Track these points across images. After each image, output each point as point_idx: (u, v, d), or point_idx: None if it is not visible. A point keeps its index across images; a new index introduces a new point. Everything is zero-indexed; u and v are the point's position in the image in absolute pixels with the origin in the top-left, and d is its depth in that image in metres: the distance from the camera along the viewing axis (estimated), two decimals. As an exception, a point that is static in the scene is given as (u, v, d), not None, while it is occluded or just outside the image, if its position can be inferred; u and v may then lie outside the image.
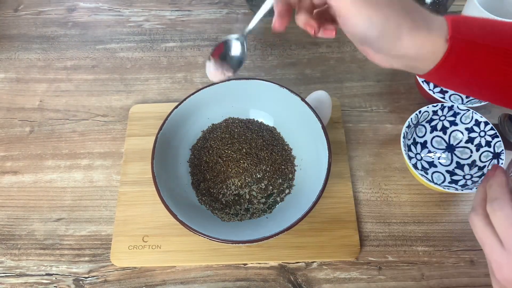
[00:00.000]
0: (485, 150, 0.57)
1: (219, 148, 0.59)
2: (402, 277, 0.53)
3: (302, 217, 0.49)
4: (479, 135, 0.58)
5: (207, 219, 0.54)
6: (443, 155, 0.60)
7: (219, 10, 0.78)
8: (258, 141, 0.59)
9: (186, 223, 0.48)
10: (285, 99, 0.57)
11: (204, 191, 0.57)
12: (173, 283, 0.54)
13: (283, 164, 0.58)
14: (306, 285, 0.53)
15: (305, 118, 0.56)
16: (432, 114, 0.59)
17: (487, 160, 0.56)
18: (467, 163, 0.59)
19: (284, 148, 0.60)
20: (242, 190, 0.57)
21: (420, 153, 0.60)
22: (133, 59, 0.72)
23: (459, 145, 0.60)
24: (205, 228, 0.49)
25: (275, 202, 0.56)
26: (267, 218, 0.55)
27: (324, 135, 0.53)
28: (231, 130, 0.60)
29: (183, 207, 0.52)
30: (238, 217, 0.55)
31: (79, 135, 0.65)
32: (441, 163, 0.60)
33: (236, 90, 0.59)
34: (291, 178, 0.58)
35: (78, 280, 0.54)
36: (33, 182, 0.61)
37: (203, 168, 0.58)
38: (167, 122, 0.56)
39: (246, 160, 0.58)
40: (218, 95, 0.59)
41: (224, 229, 0.53)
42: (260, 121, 0.62)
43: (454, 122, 0.60)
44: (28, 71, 0.72)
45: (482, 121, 0.57)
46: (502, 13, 0.63)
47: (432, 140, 0.61)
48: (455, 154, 0.60)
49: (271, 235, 0.47)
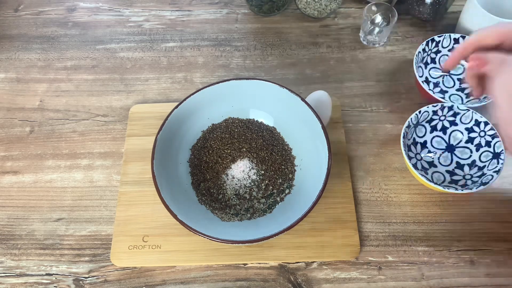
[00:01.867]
0: (485, 150, 0.57)
1: (219, 148, 0.59)
2: (402, 277, 0.53)
3: (302, 216, 0.49)
4: (479, 135, 0.58)
5: (207, 219, 0.54)
6: (443, 155, 0.60)
7: (219, 10, 0.78)
8: (258, 141, 0.59)
9: (186, 223, 0.48)
10: (285, 99, 0.57)
11: (204, 191, 0.57)
12: (173, 283, 0.54)
13: (283, 164, 0.58)
14: (306, 285, 0.53)
15: (305, 118, 0.56)
16: (432, 114, 0.59)
17: (487, 160, 0.56)
18: (467, 163, 0.59)
19: (284, 148, 0.60)
20: (242, 190, 0.57)
21: (420, 153, 0.60)
22: (133, 59, 0.72)
23: (459, 145, 0.60)
24: (206, 228, 0.49)
25: (275, 202, 0.56)
26: (267, 218, 0.55)
27: (324, 135, 0.53)
28: (231, 130, 0.61)
29: (183, 207, 0.52)
30: (238, 217, 0.55)
31: (79, 135, 0.65)
32: (441, 163, 0.60)
33: (236, 90, 0.59)
34: (291, 178, 0.58)
35: (78, 280, 0.54)
36: (33, 182, 0.61)
37: (203, 168, 0.58)
38: (167, 122, 0.56)
39: (245, 159, 0.58)
40: (218, 96, 0.59)
41: (224, 229, 0.53)
42: (260, 121, 0.62)
43: (454, 122, 0.60)
44: (28, 71, 0.72)
45: (482, 121, 0.57)
46: (502, 13, 0.63)
47: (432, 140, 0.61)
48: (455, 154, 0.60)
49: (271, 235, 0.48)
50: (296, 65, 0.71)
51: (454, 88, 0.66)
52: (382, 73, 0.69)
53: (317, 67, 0.70)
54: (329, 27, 0.75)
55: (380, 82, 0.68)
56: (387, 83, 0.68)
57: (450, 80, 0.67)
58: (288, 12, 0.77)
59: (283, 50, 0.72)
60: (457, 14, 0.71)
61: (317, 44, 0.73)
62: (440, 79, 0.67)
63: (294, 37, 0.74)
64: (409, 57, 0.71)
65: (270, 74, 0.70)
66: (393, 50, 0.72)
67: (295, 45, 0.73)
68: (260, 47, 0.73)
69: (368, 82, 0.68)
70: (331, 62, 0.71)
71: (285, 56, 0.72)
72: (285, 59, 0.71)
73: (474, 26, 0.65)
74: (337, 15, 0.76)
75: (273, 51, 0.72)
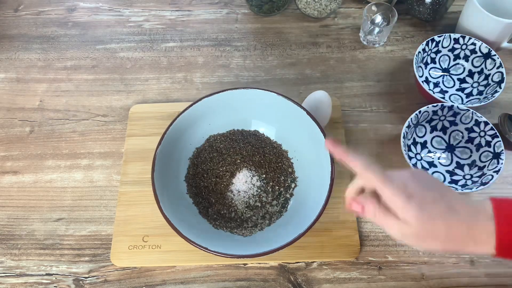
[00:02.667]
0: (485, 150, 0.57)
1: (213, 168, 0.58)
2: (402, 277, 0.53)
3: (327, 198, 0.50)
4: (479, 135, 0.58)
5: (224, 237, 0.53)
6: (443, 155, 0.60)
7: (219, 10, 0.78)
8: (247, 148, 0.59)
9: (207, 247, 0.48)
10: (256, 97, 0.58)
11: (215, 216, 0.56)
12: (173, 283, 0.54)
13: (279, 162, 0.59)
14: (306, 285, 0.53)
15: (284, 109, 0.57)
16: (432, 114, 0.59)
17: (487, 160, 0.56)
18: (467, 163, 0.59)
19: (274, 146, 0.60)
20: (252, 200, 0.56)
21: (420, 153, 0.60)
22: (133, 59, 0.72)
23: (459, 145, 0.60)
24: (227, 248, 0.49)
25: (286, 200, 0.56)
26: (285, 222, 0.55)
27: (308, 115, 0.55)
28: (217, 148, 0.60)
29: (196, 232, 0.51)
30: (258, 227, 0.54)
31: (79, 135, 0.65)
32: (441, 163, 0.60)
33: (210, 108, 0.59)
34: (292, 172, 0.58)
35: (78, 280, 0.54)
36: (33, 182, 0.61)
37: (204, 194, 0.57)
38: (156, 163, 0.53)
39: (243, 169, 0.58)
40: (193, 119, 0.58)
41: (240, 244, 0.52)
42: (241, 129, 0.62)
43: (454, 122, 0.60)
44: (28, 71, 0.72)
45: (482, 121, 0.57)
46: (502, 13, 0.63)
47: (432, 140, 0.61)
48: (455, 154, 0.60)
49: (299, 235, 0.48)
50: (296, 65, 0.71)
51: (454, 88, 0.66)
52: (382, 73, 0.69)
53: (317, 67, 0.70)
54: (329, 27, 0.75)
55: (380, 82, 0.68)
56: (387, 83, 0.68)
57: (450, 80, 0.67)
58: (288, 12, 0.77)
59: (283, 50, 0.72)
60: (457, 14, 0.71)
61: (317, 44, 0.73)
62: (440, 79, 0.67)
63: (294, 37, 0.74)
64: (409, 57, 0.71)
65: (270, 74, 0.70)
66: (393, 50, 0.72)
67: (295, 45, 0.73)
68: (260, 47, 0.73)
69: (368, 82, 0.68)
70: (331, 62, 0.71)
71: (285, 56, 0.72)
72: (285, 59, 0.71)
73: (474, 26, 0.65)
74: (337, 15, 0.76)
75: (273, 51, 0.72)
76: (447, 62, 0.67)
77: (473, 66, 0.65)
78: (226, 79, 0.69)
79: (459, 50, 0.66)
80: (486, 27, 0.64)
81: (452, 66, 0.67)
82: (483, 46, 0.64)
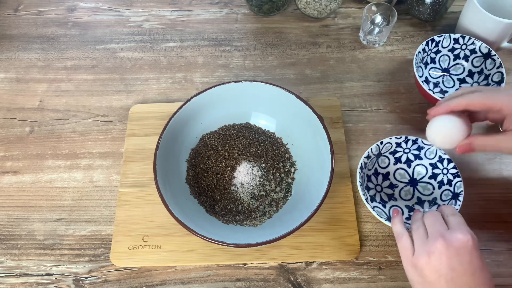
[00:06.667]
0: (446, 189, 0.55)
1: (212, 166, 0.59)
2: (402, 277, 0.53)
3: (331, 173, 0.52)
4: (442, 172, 0.56)
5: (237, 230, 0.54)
6: (405, 189, 0.58)
7: (219, 10, 0.78)
8: (242, 141, 0.60)
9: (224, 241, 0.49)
10: (242, 90, 0.59)
11: (223, 212, 0.56)
12: (173, 283, 0.54)
13: (275, 149, 0.60)
14: (306, 285, 0.53)
15: (273, 98, 0.59)
16: (396, 146, 0.57)
17: (447, 199, 0.54)
18: (427, 200, 0.56)
19: (267, 135, 0.61)
20: (256, 190, 0.57)
21: (381, 184, 0.58)
22: (133, 59, 0.72)
23: (422, 180, 0.58)
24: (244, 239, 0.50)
25: (289, 184, 0.57)
26: (292, 205, 0.56)
27: (297, 98, 0.56)
28: (211, 145, 0.60)
29: (209, 229, 0.51)
30: (267, 215, 0.55)
31: (79, 135, 0.65)
32: (402, 197, 0.58)
33: (200, 107, 0.59)
34: (289, 156, 0.59)
35: (78, 280, 0.54)
36: (33, 182, 0.61)
37: (208, 192, 0.57)
38: (158, 168, 0.53)
39: (243, 162, 0.58)
40: (186, 120, 0.58)
41: (255, 233, 0.53)
42: (232, 124, 0.62)
43: (419, 156, 0.58)
44: (28, 71, 0.72)
45: (446, 158, 0.56)
46: (502, 13, 0.63)
47: (395, 172, 0.59)
48: (417, 189, 0.58)
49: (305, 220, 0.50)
50: (296, 65, 0.71)
51: (454, 88, 0.66)
52: (382, 73, 0.69)
53: (317, 67, 0.70)
54: (329, 27, 0.75)
55: (380, 82, 0.68)
56: (387, 83, 0.68)
57: (450, 80, 0.67)
58: (288, 12, 0.77)
59: (283, 50, 0.72)
60: (457, 14, 0.71)
61: (317, 44, 0.73)
62: (440, 79, 0.67)
63: (294, 37, 0.74)
64: (409, 57, 0.71)
65: (270, 74, 0.70)
66: (393, 50, 0.72)
67: (295, 45, 0.73)
68: (260, 47, 0.73)
69: (368, 82, 0.68)
70: (331, 62, 0.71)
71: (285, 56, 0.72)
72: (285, 59, 0.71)
73: (474, 26, 0.65)
74: (337, 15, 0.76)
75: (273, 51, 0.72)
76: (447, 62, 0.67)
77: (473, 66, 0.65)
78: (226, 79, 0.70)
79: (459, 50, 0.66)
80: (486, 27, 0.64)
81: (452, 66, 0.67)
82: (483, 46, 0.64)
